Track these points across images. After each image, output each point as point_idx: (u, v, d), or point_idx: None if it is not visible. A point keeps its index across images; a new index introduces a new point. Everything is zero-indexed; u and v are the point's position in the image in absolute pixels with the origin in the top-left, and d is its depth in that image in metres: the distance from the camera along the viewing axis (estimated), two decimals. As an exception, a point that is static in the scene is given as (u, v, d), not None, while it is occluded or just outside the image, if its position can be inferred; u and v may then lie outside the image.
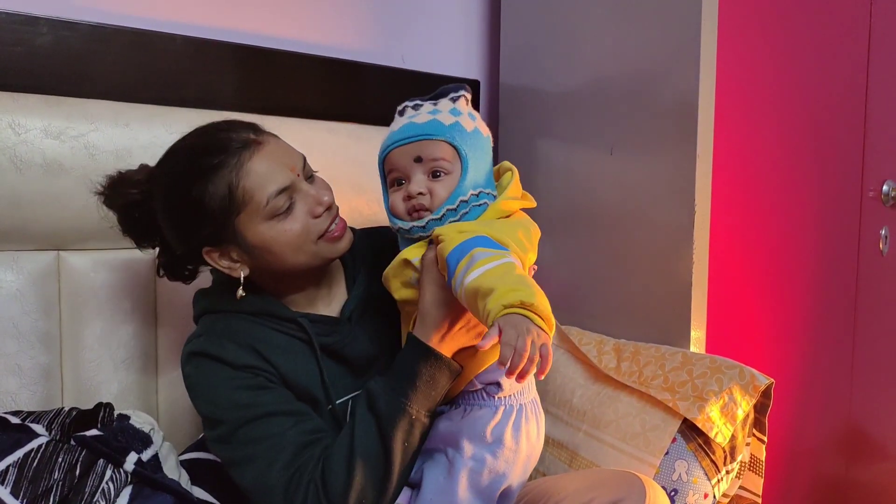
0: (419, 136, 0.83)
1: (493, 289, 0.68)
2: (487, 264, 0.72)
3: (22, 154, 1.03)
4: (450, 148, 0.83)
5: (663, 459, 1.00)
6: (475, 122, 0.87)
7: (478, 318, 0.72)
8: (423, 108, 0.86)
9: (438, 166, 0.83)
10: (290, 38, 1.41)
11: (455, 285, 0.74)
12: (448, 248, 0.77)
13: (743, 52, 1.24)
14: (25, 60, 1.07)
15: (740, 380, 1.02)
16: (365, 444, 0.79)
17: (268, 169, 0.84)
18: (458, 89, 0.88)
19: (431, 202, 0.83)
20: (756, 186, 1.30)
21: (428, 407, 0.81)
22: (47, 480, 0.85)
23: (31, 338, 1.06)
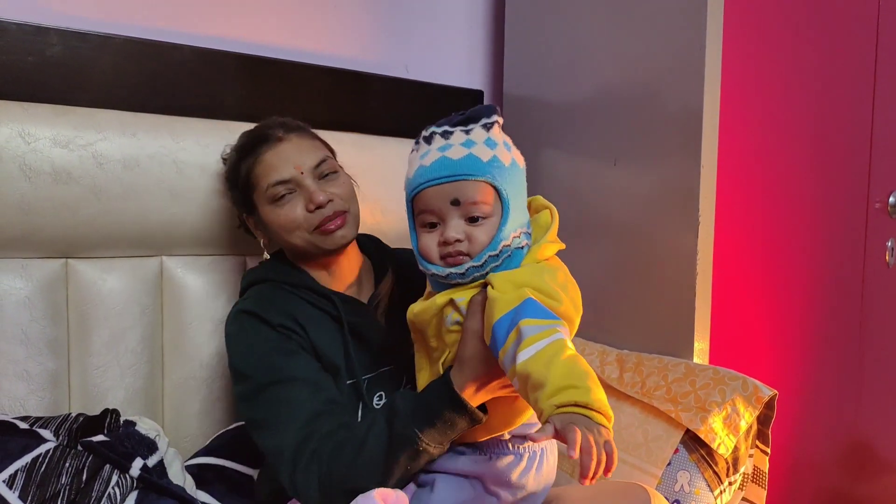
0: (456, 177, 0.76)
1: (543, 383, 0.64)
2: (537, 343, 0.67)
3: (31, 163, 1.04)
4: (490, 189, 0.76)
5: (665, 470, 1.00)
6: (511, 153, 0.80)
7: (528, 404, 0.68)
8: (455, 136, 0.78)
9: (479, 211, 0.76)
10: (296, 48, 1.42)
11: (504, 361, 0.70)
12: (496, 313, 0.72)
13: (748, 62, 1.24)
14: (35, 70, 1.09)
15: (743, 391, 1.02)
16: (373, 450, 0.80)
17: (275, 162, 0.97)
18: (490, 113, 0.80)
19: (470, 248, 0.76)
20: (761, 197, 1.30)
21: (440, 442, 0.80)
22: (55, 485, 0.86)
23: (39, 344, 1.07)
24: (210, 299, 1.21)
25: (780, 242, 1.35)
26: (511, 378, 0.70)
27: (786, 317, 1.38)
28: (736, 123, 1.22)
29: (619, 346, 1.26)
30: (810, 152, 1.39)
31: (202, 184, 1.18)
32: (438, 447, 0.80)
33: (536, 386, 0.65)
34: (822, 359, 1.45)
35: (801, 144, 1.37)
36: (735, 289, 1.26)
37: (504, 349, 0.70)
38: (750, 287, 1.30)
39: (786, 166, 1.35)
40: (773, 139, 1.31)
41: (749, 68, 1.25)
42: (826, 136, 1.41)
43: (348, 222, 0.97)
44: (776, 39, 1.30)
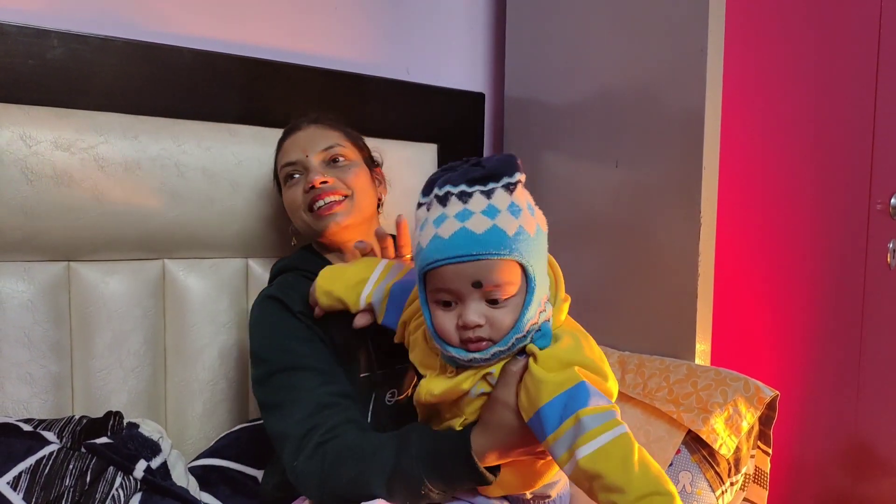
0: (480, 255, 0.66)
1: (623, 488, 0.62)
2: (600, 437, 0.64)
3: (33, 166, 1.04)
4: (517, 267, 0.68)
5: (667, 471, 1.00)
6: (535, 217, 0.71)
7: (595, 496, 0.65)
8: (474, 201, 0.67)
9: (502, 293, 0.68)
10: (297, 50, 1.42)
11: (555, 447, 0.66)
12: (544, 396, 0.67)
13: (749, 64, 1.25)
14: (36, 73, 1.09)
15: (745, 392, 1.02)
16: (376, 472, 0.78)
17: (288, 147, 1.05)
18: (512, 169, 0.69)
19: (493, 333, 0.69)
20: (762, 198, 1.31)
21: (444, 490, 0.78)
22: (59, 487, 0.86)
23: (42, 347, 1.07)
24: (212, 302, 1.21)
25: (782, 244, 1.35)
26: (565, 466, 0.66)
27: (787, 318, 1.38)
28: (737, 125, 1.22)
29: (620, 348, 1.27)
30: (811, 154, 1.39)
31: (203, 186, 1.18)
32: (440, 494, 0.78)
33: (613, 489, 0.63)
34: (823, 360, 1.45)
35: (802, 146, 1.37)
36: (736, 290, 1.26)
37: (556, 436, 0.66)
38: (751, 288, 1.30)
39: (787, 168, 1.35)
40: (774, 141, 1.32)
41: (750, 70, 1.25)
42: (827, 138, 1.42)
43: (346, 208, 0.99)
44: (777, 41, 1.30)
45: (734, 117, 1.20)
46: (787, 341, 1.38)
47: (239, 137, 1.22)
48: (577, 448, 0.64)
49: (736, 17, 1.18)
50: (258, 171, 1.23)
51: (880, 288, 1.52)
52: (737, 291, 1.26)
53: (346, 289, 0.88)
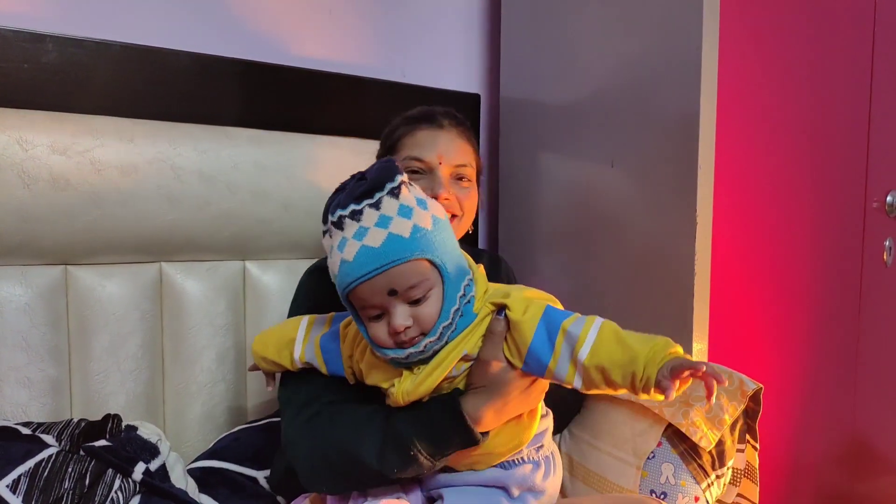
0: (384, 267, 0.70)
1: (633, 358, 0.68)
2: (589, 336, 0.71)
3: (29, 170, 1.05)
4: (424, 264, 0.72)
5: (650, 463, 1.02)
6: (429, 210, 0.74)
7: (617, 386, 0.70)
8: (366, 217, 0.71)
9: (419, 292, 0.72)
10: (293, 53, 1.43)
11: (558, 369, 0.72)
12: (528, 333, 0.72)
13: (745, 63, 1.25)
14: (32, 77, 1.09)
15: (728, 385, 1.03)
16: (367, 434, 0.79)
17: (424, 141, 0.98)
18: (391, 173, 0.73)
19: (422, 328, 0.73)
20: (758, 197, 1.31)
21: (432, 455, 0.77)
22: (58, 490, 0.86)
23: (40, 350, 1.07)
24: (209, 304, 1.21)
25: (778, 243, 1.35)
26: (575, 379, 0.72)
27: (784, 316, 1.38)
28: (733, 124, 1.22)
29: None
30: (808, 152, 1.39)
31: (200, 189, 1.18)
32: (429, 460, 0.76)
33: (625, 365, 0.68)
34: (819, 357, 1.46)
35: (798, 144, 1.38)
36: (733, 290, 1.27)
37: (555, 358, 0.72)
38: (748, 288, 1.30)
39: (783, 166, 1.35)
40: (770, 139, 1.32)
41: (745, 69, 1.25)
42: (823, 136, 1.42)
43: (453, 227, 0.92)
44: (772, 40, 1.30)
45: (730, 116, 1.20)
46: (783, 339, 1.39)
47: (235, 140, 1.23)
48: (577, 354, 0.70)
49: (731, 15, 1.18)
50: (254, 174, 1.23)
51: (876, 286, 1.53)
52: (733, 290, 1.27)
53: (277, 353, 0.90)
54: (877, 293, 1.53)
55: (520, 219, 1.60)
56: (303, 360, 0.87)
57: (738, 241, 1.27)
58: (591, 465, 1.08)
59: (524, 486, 0.82)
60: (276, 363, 0.90)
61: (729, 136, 1.21)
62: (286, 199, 1.26)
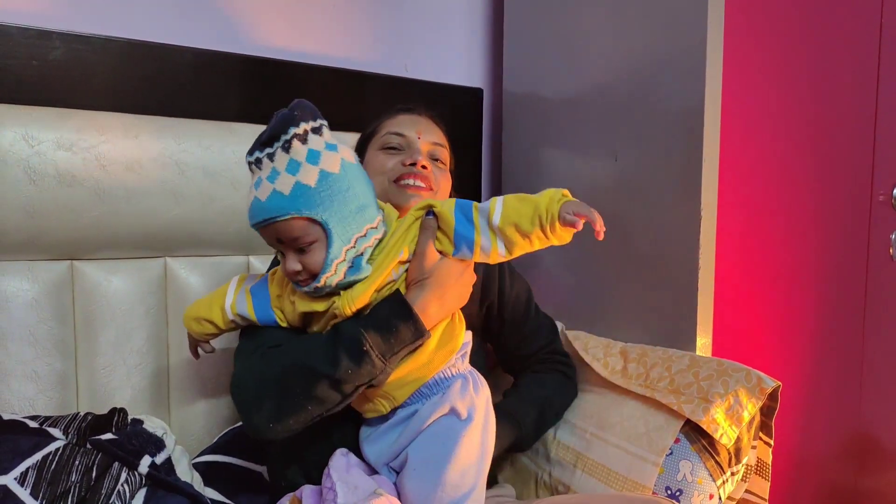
0: (269, 220, 0.77)
1: (535, 206, 0.78)
2: (496, 206, 0.81)
3: (35, 166, 1.05)
4: (303, 221, 0.77)
5: (668, 459, 1.00)
6: (318, 165, 0.78)
7: (530, 235, 0.80)
8: (263, 167, 0.78)
9: (300, 244, 0.79)
10: (296, 48, 1.43)
11: (483, 241, 0.81)
12: (452, 219, 0.82)
13: (750, 56, 1.24)
14: (38, 74, 1.10)
15: (746, 382, 1.02)
16: (317, 348, 0.81)
17: (404, 121, 1.05)
18: (286, 125, 0.78)
19: (310, 273, 0.81)
20: (763, 191, 1.30)
21: (383, 353, 0.80)
22: (65, 482, 0.87)
23: (46, 345, 1.08)
24: (214, 299, 1.22)
25: (783, 236, 1.35)
26: (497, 243, 0.81)
27: (789, 310, 1.38)
28: (738, 117, 1.21)
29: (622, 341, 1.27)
30: (813, 146, 1.39)
31: (204, 185, 1.19)
32: (380, 359, 0.79)
33: (531, 214, 0.79)
34: (825, 352, 1.45)
35: (803, 137, 1.37)
36: (738, 283, 1.26)
37: (477, 231, 0.82)
38: (752, 281, 1.30)
39: (788, 160, 1.34)
40: (775, 132, 1.31)
41: (751, 61, 1.25)
42: (829, 130, 1.41)
43: (426, 194, 0.99)
44: (778, 33, 1.30)
45: (734, 110, 1.20)
46: (788, 334, 1.38)
47: (239, 136, 1.23)
48: (492, 220, 0.80)
49: (736, 8, 1.17)
50: (259, 169, 1.24)
51: (882, 280, 1.52)
52: (738, 285, 1.26)
53: (209, 308, 0.92)
54: (883, 287, 1.52)
55: (524, 214, 1.59)
56: (234, 310, 0.90)
57: (743, 235, 1.27)
58: (596, 457, 1.07)
59: (465, 400, 0.84)
60: (208, 320, 0.92)
61: (733, 130, 1.20)
62: (290, 194, 1.27)
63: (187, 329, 0.96)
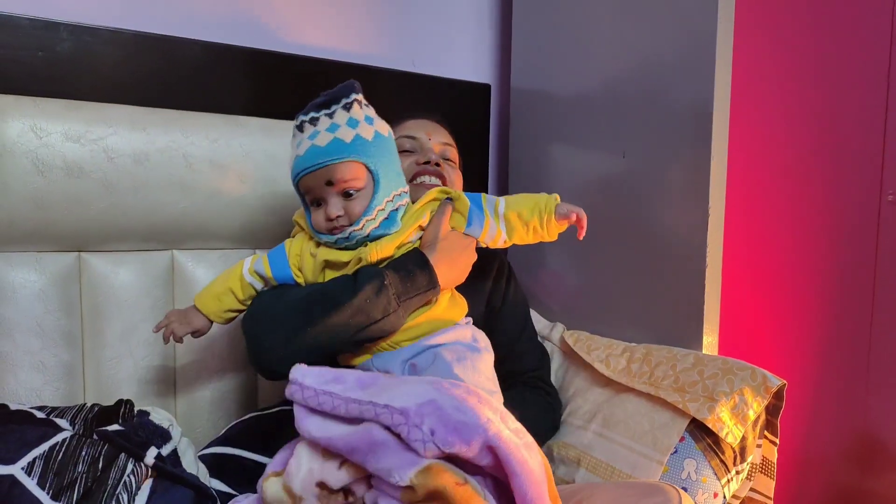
0: (325, 162, 0.87)
1: (535, 200, 0.94)
2: (500, 198, 0.96)
3: (44, 157, 1.06)
4: (358, 165, 0.88)
5: (672, 458, 1.00)
6: (374, 126, 0.91)
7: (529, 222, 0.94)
8: (321, 122, 0.88)
9: (350, 187, 0.88)
10: (304, 42, 1.43)
11: (491, 224, 0.95)
12: (465, 200, 0.95)
13: (759, 54, 1.24)
14: (47, 65, 1.10)
15: (752, 381, 1.02)
16: (341, 283, 0.89)
17: (413, 126, 1.12)
18: (349, 92, 0.90)
19: (349, 219, 0.89)
20: (771, 189, 1.30)
21: (399, 294, 0.88)
22: (72, 473, 0.87)
23: (54, 336, 1.09)
24: (221, 292, 1.22)
25: (791, 235, 1.34)
26: (501, 224, 0.95)
27: (796, 311, 1.37)
28: (746, 115, 1.21)
29: (627, 340, 1.27)
30: (822, 144, 1.38)
31: (212, 178, 1.19)
32: (396, 300, 0.87)
33: (532, 206, 0.94)
34: (831, 352, 1.45)
35: (812, 136, 1.36)
36: (745, 282, 1.26)
37: (486, 213, 0.95)
38: (760, 280, 1.30)
39: (797, 158, 1.34)
40: (783, 131, 1.31)
41: (760, 59, 1.24)
42: (838, 128, 1.40)
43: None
44: (787, 29, 1.29)
45: (743, 107, 1.19)
46: (795, 333, 1.38)
47: (246, 129, 1.23)
48: (497, 208, 0.95)
49: (745, 4, 1.17)
50: (265, 163, 1.24)
51: (891, 280, 1.51)
52: (745, 283, 1.26)
53: (226, 280, 0.96)
54: (891, 287, 1.51)
55: (530, 210, 1.59)
56: (251, 271, 0.96)
57: (751, 233, 1.26)
58: (600, 455, 1.07)
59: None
60: (227, 290, 0.96)
61: (742, 128, 1.20)
62: (297, 188, 1.27)
63: (201, 309, 0.97)
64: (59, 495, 0.85)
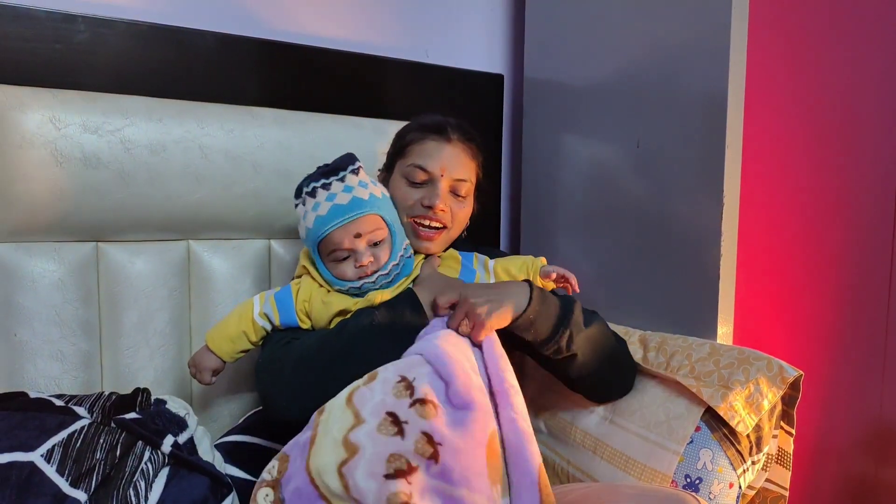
0: (352, 216, 0.96)
1: (522, 260, 1.09)
2: (488, 259, 1.10)
3: (62, 148, 1.07)
4: (378, 218, 0.99)
5: (688, 448, 1.00)
6: (379, 188, 1.03)
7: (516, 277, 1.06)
8: (334, 186, 0.98)
9: (376, 237, 0.98)
10: (317, 33, 1.43)
11: (480, 275, 1.08)
12: (457, 259, 1.09)
13: (774, 41, 1.22)
14: (64, 57, 1.11)
15: (768, 371, 1.02)
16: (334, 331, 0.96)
17: (432, 152, 1.07)
18: (351, 160, 1.01)
19: (378, 265, 0.98)
20: (786, 179, 1.29)
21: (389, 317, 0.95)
22: (90, 460, 0.88)
23: (72, 325, 1.10)
24: (236, 282, 1.23)
25: (806, 224, 1.33)
26: (488, 277, 1.08)
27: (811, 300, 1.36)
28: (761, 105, 1.20)
29: (642, 329, 1.26)
30: (838, 134, 1.36)
31: (226, 168, 1.19)
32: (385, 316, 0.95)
33: (520, 265, 1.08)
34: (847, 343, 1.44)
35: (827, 125, 1.35)
36: (759, 272, 1.25)
37: (476, 270, 1.08)
38: (774, 270, 1.29)
39: (812, 149, 1.33)
40: (799, 120, 1.29)
41: (775, 47, 1.23)
42: (855, 118, 1.39)
43: (440, 239, 1.07)
44: (803, 16, 1.28)
45: (758, 96, 1.18)
46: (810, 324, 1.37)
47: (260, 120, 1.24)
48: (487, 265, 1.09)
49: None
50: (279, 153, 1.24)
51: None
52: (759, 273, 1.25)
53: (238, 322, 1.02)
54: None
55: (543, 200, 1.59)
56: (261, 314, 1.02)
57: (765, 223, 1.25)
58: (616, 444, 1.07)
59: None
60: (241, 333, 1.02)
61: (757, 117, 1.19)
62: (311, 178, 1.27)
63: (216, 351, 1.03)
64: (78, 482, 0.86)
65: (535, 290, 0.94)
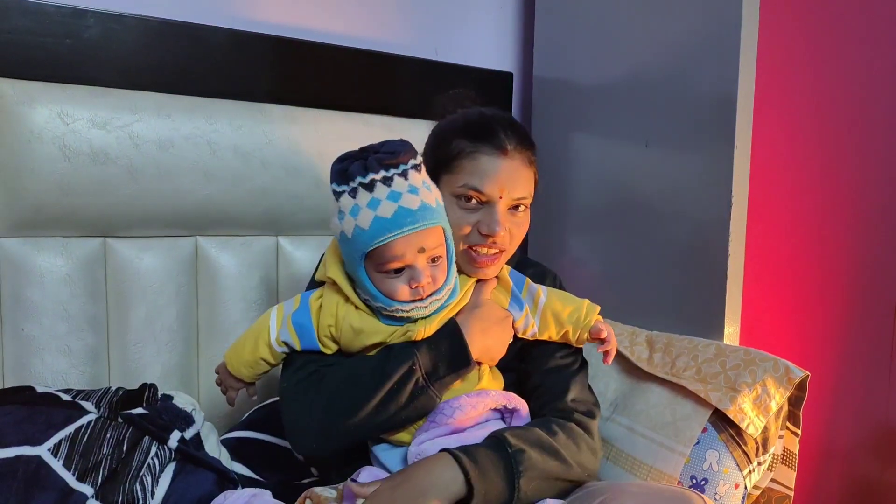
0: (420, 226, 0.79)
1: (576, 306, 0.92)
2: (542, 289, 0.94)
3: (70, 143, 1.07)
4: (441, 231, 0.83)
5: (695, 449, 1.00)
6: (437, 192, 0.85)
7: (563, 327, 0.92)
8: (396, 183, 0.79)
9: (437, 254, 0.82)
10: (327, 30, 1.43)
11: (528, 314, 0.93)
12: (508, 284, 0.94)
13: (784, 41, 1.22)
14: (73, 52, 1.11)
15: (774, 372, 1.01)
16: (367, 367, 0.85)
17: (488, 170, 0.90)
18: (414, 152, 0.83)
19: (436, 285, 0.83)
20: (796, 180, 1.28)
21: (430, 369, 0.84)
22: (97, 454, 0.89)
23: (79, 320, 1.10)
24: (243, 279, 1.23)
25: (815, 225, 1.33)
26: (532, 320, 0.93)
27: (819, 302, 1.36)
28: (771, 104, 1.19)
29: (648, 329, 1.26)
30: (846, 134, 1.36)
31: (235, 165, 1.19)
32: (424, 380, 0.83)
33: (572, 310, 0.92)
34: (854, 344, 1.43)
35: (836, 126, 1.34)
36: (767, 273, 1.25)
37: (525, 306, 0.93)
38: (782, 271, 1.28)
39: (822, 149, 1.32)
40: (808, 120, 1.29)
41: (785, 47, 1.22)
42: (865, 119, 1.38)
43: (497, 264, 0.92)
44: (815, 16, 1.27)
45: (768, 96, 1.18)
46: (817, 325, 1.36)
47: (269, 117, 1.24)
48: (538, 302, 0.93)
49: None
50: (288, 150, 1.24)
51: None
52: (767, 274, 1.25)
53: (255, 348, 0.90)
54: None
55: (551, 199, 1.59)
56: (279, 342, 0.89)
57: (774, 224, 1.25)
58: (622, 446, 1.07)
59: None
60: (260, 360, 0.91)
61: (767, 117, 1.18)
62: (318, 175, 1.27)
63: (235, 374, 0.92)
64: (85, 476, 0.87)
65: (468, 466, 0.79)
